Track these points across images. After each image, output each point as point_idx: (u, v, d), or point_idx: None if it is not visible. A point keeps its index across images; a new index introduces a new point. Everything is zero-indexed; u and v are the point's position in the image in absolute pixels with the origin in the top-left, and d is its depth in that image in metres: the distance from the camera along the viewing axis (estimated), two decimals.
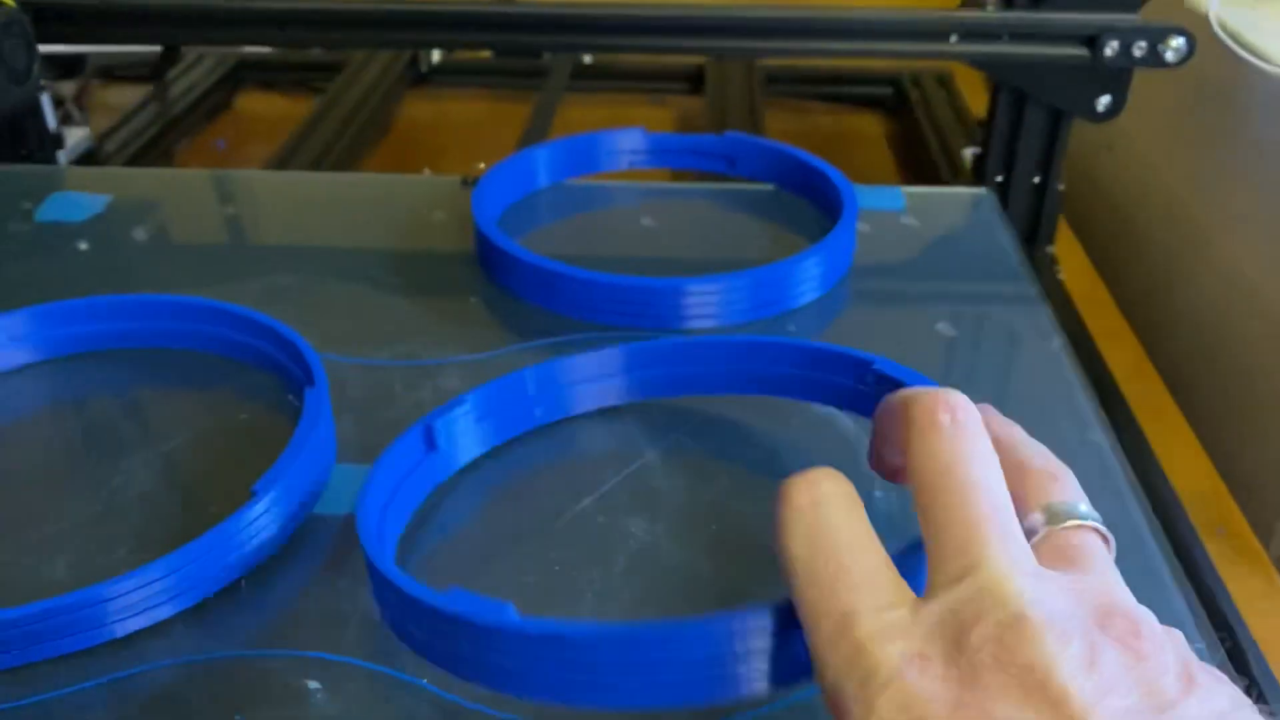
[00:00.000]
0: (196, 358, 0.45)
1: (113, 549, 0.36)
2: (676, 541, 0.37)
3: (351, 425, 0.42)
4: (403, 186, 0.61)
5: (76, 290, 0.50)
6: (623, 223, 0.57)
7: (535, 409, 0.41)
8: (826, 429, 0.42)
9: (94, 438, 0.41)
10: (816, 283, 0.50)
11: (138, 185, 0.60)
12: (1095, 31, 0.58)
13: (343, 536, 0.37)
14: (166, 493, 0.38)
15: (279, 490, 0.36)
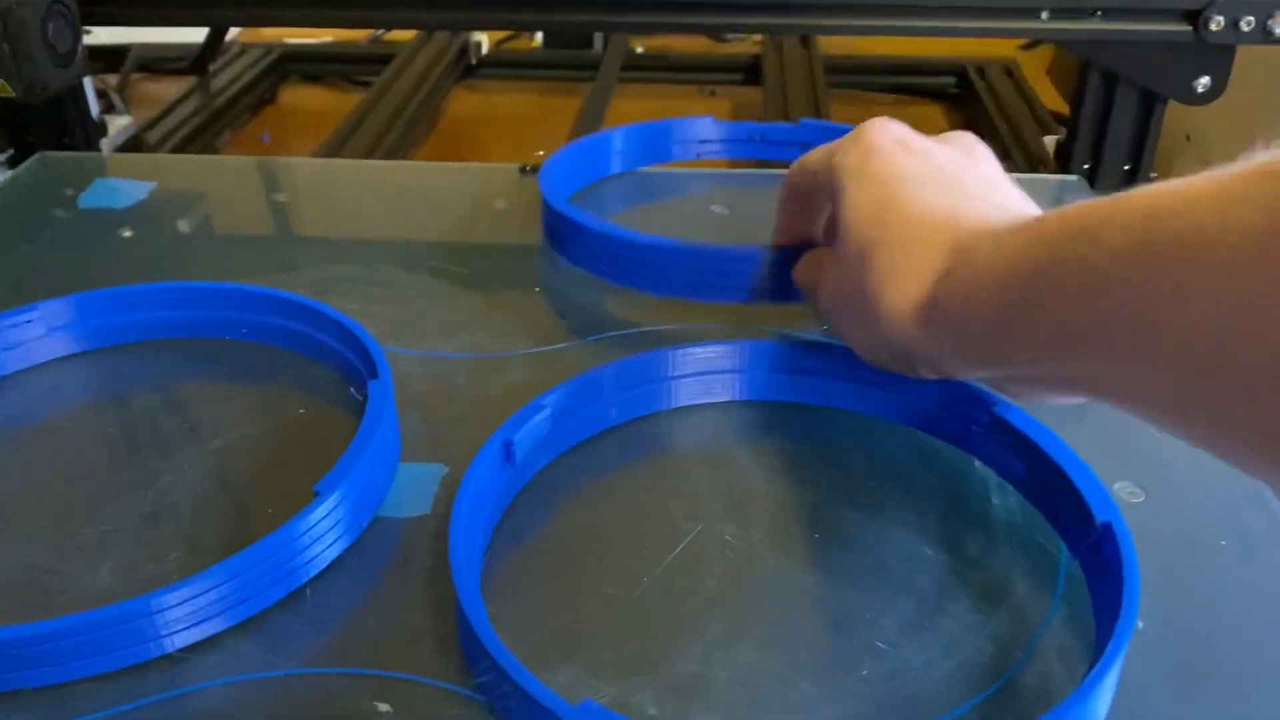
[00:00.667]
0: (250, 348, 0.42)
1: (162, 554, 0.33)
2: (778, 551, 0.33)
3: (416, 422, 0.39)
4: (460, 175, 0.58)
5: (120, 278, 0.47)
6: (693, 209, 0.54)
7: (611, 409, 0.38)
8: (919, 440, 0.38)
9: (142, 433, 0.38)
10: None
11: (182, 171, 0.58)
12: (1199, 6, 0.54)
13: (410, 541, 0.34)
14: (220, 493, 0.35)
15: (343, 491, 0.33)
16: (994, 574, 0.33)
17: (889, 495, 0.36)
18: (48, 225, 0.52)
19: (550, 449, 0.36)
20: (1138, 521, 0.35)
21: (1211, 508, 0.35)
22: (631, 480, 0.36)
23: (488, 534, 0.34)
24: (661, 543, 0.33)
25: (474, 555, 0.31)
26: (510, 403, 0.39)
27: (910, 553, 0.33)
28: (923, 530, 0.34)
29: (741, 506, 0.35)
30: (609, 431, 0.38)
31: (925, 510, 0.35)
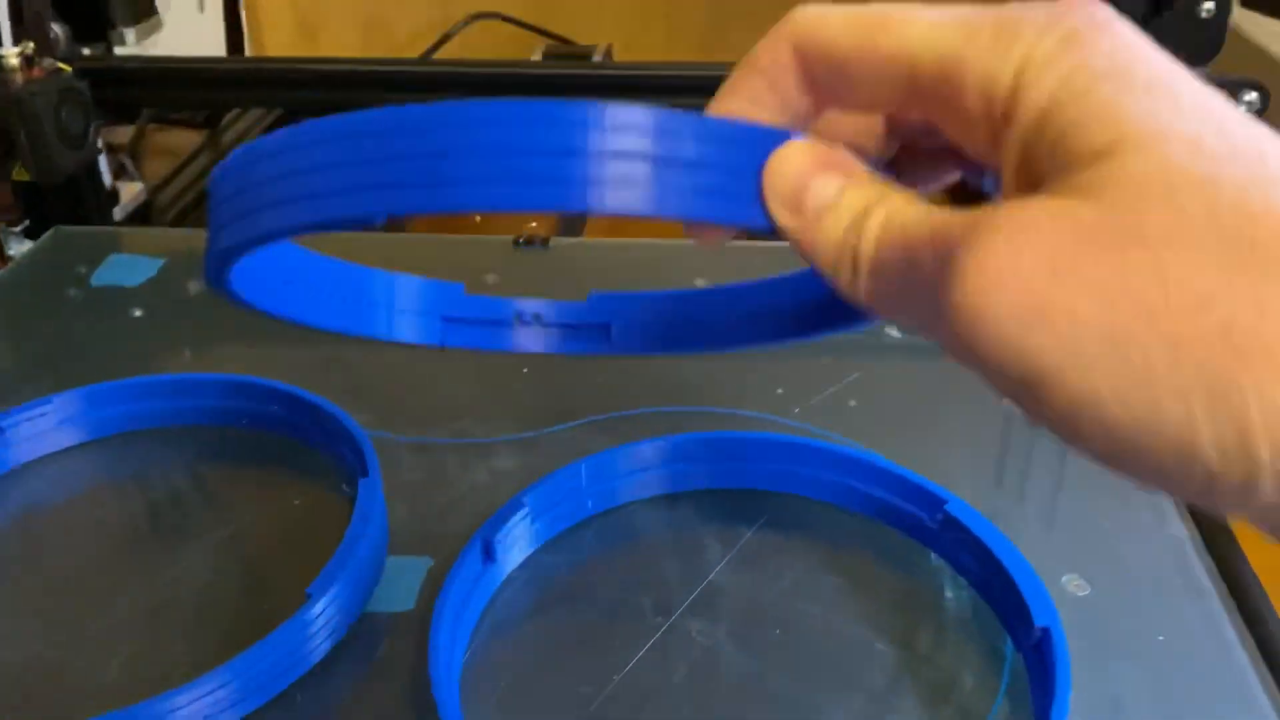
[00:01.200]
0: (250, 437, 0.45)
1: (167, 649, 0.36)
2: (739, 647, 0.35)
3: (405, 513, 0.41)
4: (453, 248, 0.61)
5: (130, 359, 0.50)
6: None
7: (588, 500, 0.40)
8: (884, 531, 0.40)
9: (149, 525, 0.41)
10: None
11: (189, 246, 0.60)
12: None
13: (395, 637, 0.36)
14: (221, 587, 0.38)
15: (334, 593, 0.35)
16: (943, 669, 0.35)
17: (847, 588, 0.38)
18: (62, 304, 0.54)
19: (530, 543, 0.39)
20: (1082, 615, 0.37)
21: (1154, 602, 0.37)
22: (606, 572, 0.39)
23: (469, 630, 0.36)
24: (632, 638, 0.36)
25: (455, 659, 0.34)
26: (497, 490, 0.42)
27: (864, 648, 0.36)
28: (877, 624, 0.36)
29: (709, 600, 0.37)
30: (586, 522, 0.40)
31: (881, 604, 0.37)
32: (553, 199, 0.20)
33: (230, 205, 0.23)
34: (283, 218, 0.21)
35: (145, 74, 0.60)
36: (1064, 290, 0.17)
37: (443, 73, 0.62)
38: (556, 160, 0.20)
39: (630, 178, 0.20)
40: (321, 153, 0.21)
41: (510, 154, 0.20)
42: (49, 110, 0.54)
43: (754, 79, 0.23)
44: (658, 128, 0.20)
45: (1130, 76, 0.19)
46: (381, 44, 1.08)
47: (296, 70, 0.62)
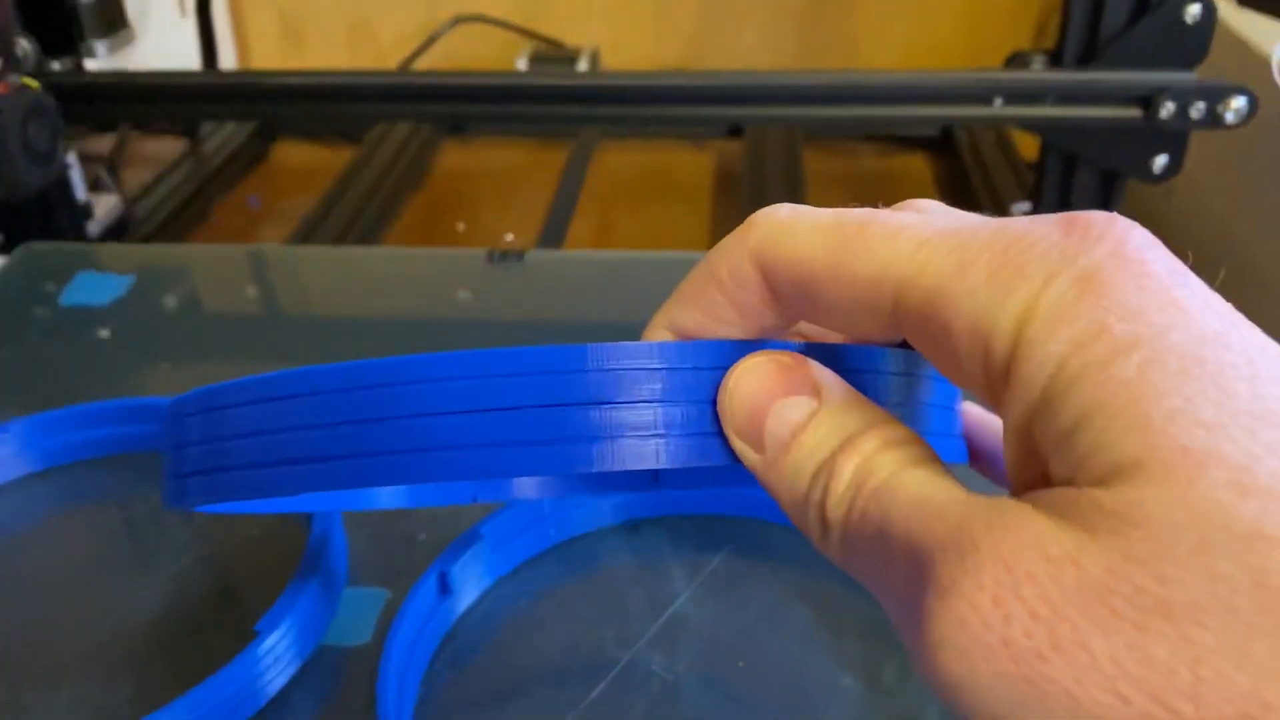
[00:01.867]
0: None
1: (116, 685, 0.35)
2: (701, 682, 0.35)
3: (365, 541, 0.40)
4: (426, 262, 0.60)
5: (96, 383, 0.49)
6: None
7: (549, 529, 0.39)
8: None
9: (101, 558, 0.40)
10: None
11: (161, 262, 0.60)
12: (1149, 92, 0.55)
13: (350, 671, 0.35)
14: (173, 622, 0.37)
15: (285, 627, 0.34)
16: (908, 702, 0.34)
17: (815, 618, 0.37)
18: (29, 325, 0.54)
19: (489, 574, 0.38)
20: None
21: None
22: (567, 604, 0.38)
23: (425, 661, 0.35)
24: (591, 673, 0.35)
25: (406, 698, 0.33)
26: (457, 518, 0.41)
27: (830, 682, 0.35)
28: (844, 656, 0.36)
29: (671, 632, 0.36)
30: (549, 550, 0.40)
31: (849, 634, 0.36)
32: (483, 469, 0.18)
33: (197, 454, 0.21)
34: (258, 485, 0.20)
35: (115, 89, 0.60)
36: (1064, 667, 0.14)
37: (418, 84, 0.61)
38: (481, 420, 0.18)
39: (560, 432, 0.18)
40: (297, 412, 0.19)
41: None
42: (14, 127, 0.54)
43: (712, 290, 0.20)
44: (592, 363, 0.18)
45: (1164, 350, 0.14)
46: (367, 47, 1.07)
47: (272, 83, 0.62)
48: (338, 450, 0.18)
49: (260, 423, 0.19)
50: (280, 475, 0.19)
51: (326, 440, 0.19)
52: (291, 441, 0.19)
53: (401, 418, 0.18)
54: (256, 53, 1.06)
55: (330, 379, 0.19)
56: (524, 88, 0.62)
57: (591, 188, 0.86)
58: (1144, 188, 0.79)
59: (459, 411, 0.18)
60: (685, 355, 0.19)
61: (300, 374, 0.19)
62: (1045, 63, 0.58)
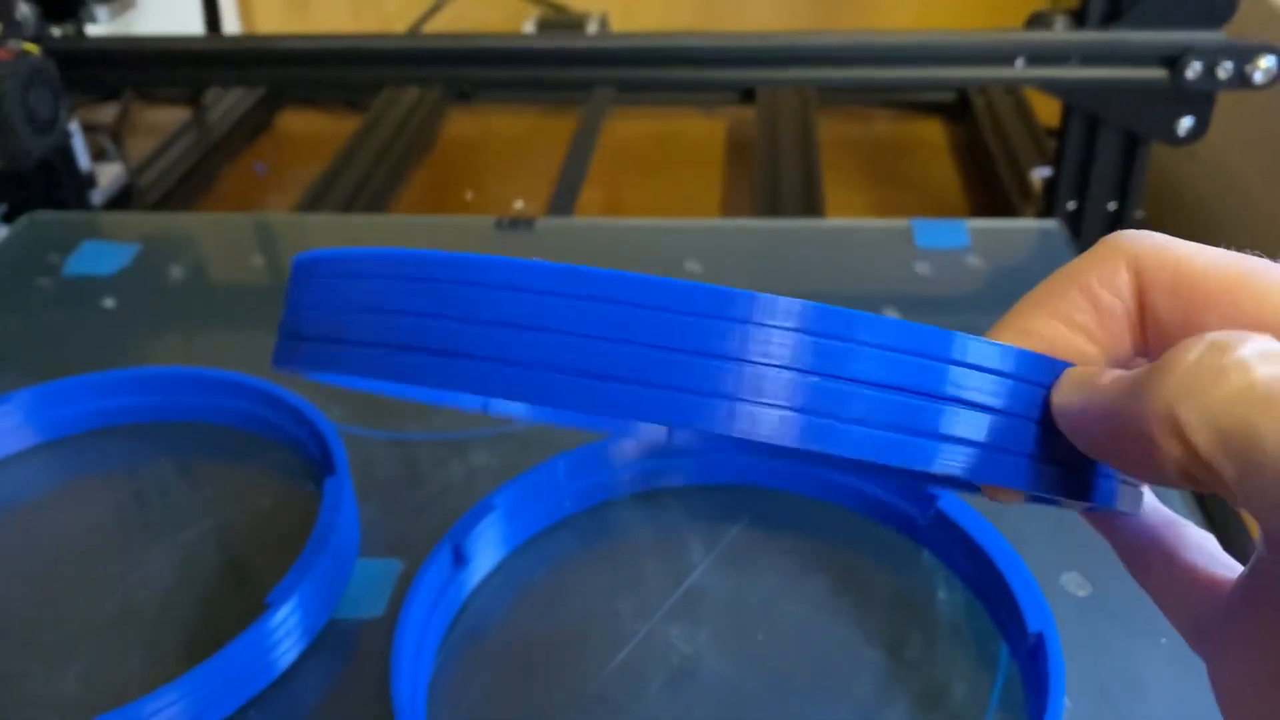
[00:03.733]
0: (217, 432, 0.43)
1: (125, 659, 0.34)
2: (721, 653, 0.34)
3: (378, 512, 0.39)
4: (435, 230, 0.59)
5: (99, 353, 0.48)
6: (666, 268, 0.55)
7: (565, 499, 0.38)
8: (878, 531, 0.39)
9: (109, 529, 0.40)
10: None
11: (166, 230, 0.59)
12: (1176, 52, 0.54)
13: (364, 644, 0.35)
14: (183, 594, 0.37)
15: (296, 600, 0.33)
16: (934, 676, 0.33)
17: (835, 589, 0.36)
18: (32, 296, 0.53)
19: (504, 545, 0.37)
20: (1082, 615, 0.35)
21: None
22: (584, 574, 0.37)
23: (440, 635, 0.34)
24: (609, 645, 0.34)
25: (421, 670, 0.32)
26: (472, 488, 0.41)
27: (852, 654, 0.34)
28: (866, 627, 0.35)
29: (690, 603, 0.36)
30: (565, 521, 0.39)
31: (870, 606, 0.36)
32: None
33: (318, 318, 0.19)
34: (378, 366, 0.18)
35: (117, 54, 0.58)
36: None
37: (428, 48, 0.60)
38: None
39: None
40: (435, 298, 0.17)
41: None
42: (16, 94, 0.53)
43: (1075, 296, 0.18)
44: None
45: None
46: (371, 14, 1.06)
47: (277, 47, 0.60)
48: (477, 350, 0.17)
49: (394, 301, 0.18)
50: (403, 362, 0.17)
51: (469, 338, 0.17)
52: (423, 329, 0.17)
53: (597, 338, 0.16)
54: (261, 18, 1.05)
55: (491, 272, 0.17)
56: (532, 50, 0.61)
57: (601, 155, 0.85)
58: (1166, 152, 0.78)
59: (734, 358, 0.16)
60: (1042, 369, 0.17)
61: (456, 260, 0.17)
62: (1068, 23, 0.57)
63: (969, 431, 0.16)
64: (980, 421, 0.16)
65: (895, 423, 0.16)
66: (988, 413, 0.17)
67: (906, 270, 0.53)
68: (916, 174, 0.83)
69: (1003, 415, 0.17)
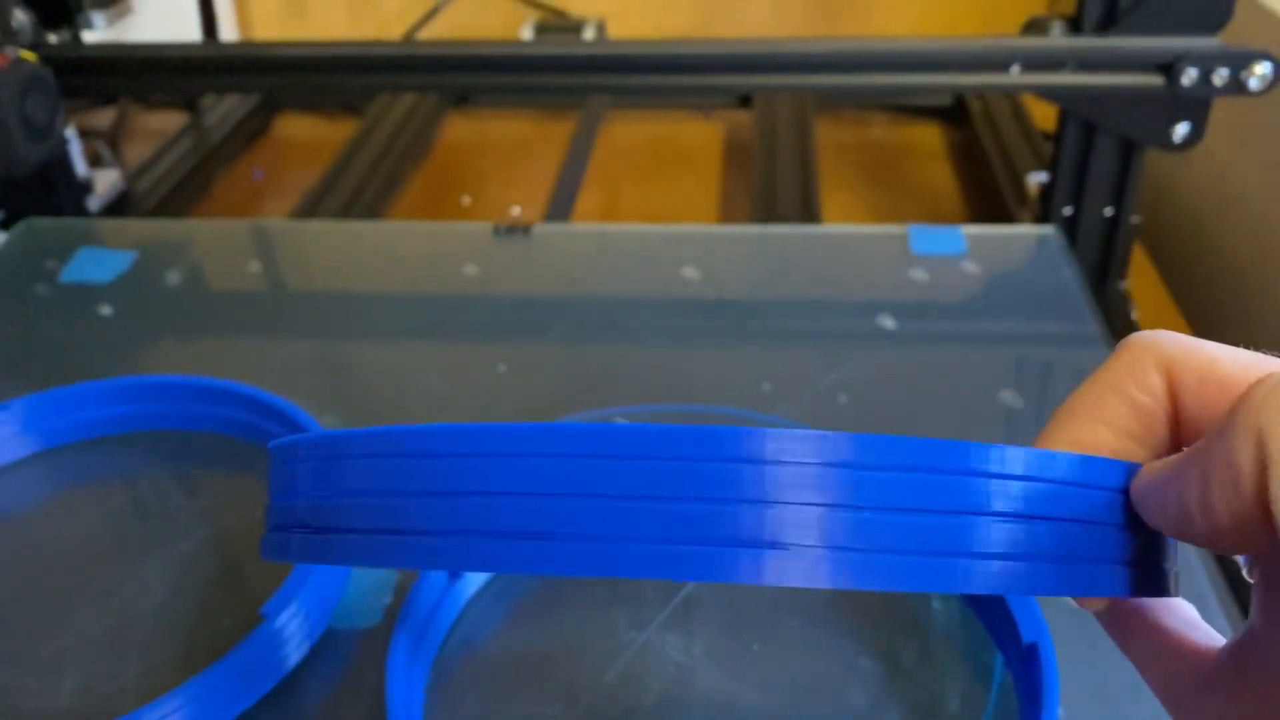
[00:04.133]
0: (212, 440, 0.43)
1: (121, 670, 0.34)
2: (716, 664, 0.34)
3: None
4: (432, 237, 0.59)
5: (97, 361, 0.48)
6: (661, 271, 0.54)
7: None
8: None
9: (105, 538, 0.40)
10: None
11: (163, 237, 0.59)
12: (1171, 58, 0.54)
13: (359, 655, 0.35)
14: (179, 603, 0.37)
15: (292, 609, 0.34)
16: (928, 686, 0.33)
17: (829, 599, 0.36)
18: (30, 302, 0.53)
19: None
20: (1077, 625, 0.35)
21: None
22: (580, 585, 0.37)
23: (435, 645, 0.35)
24: (604, 656, 0.34)
25: (415, 680, 0.32)
26: None
27: (848, 664, 0.34)
28: (861, 637, 0.35)
29: (685, 614, 0.36)
30: None
31: (866, 613, 0.36)
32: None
33: (302, 508, 0.19)
34: (378, 553, 0.17)
35: (114, 61, 0.58)
36: None
37: (424, 55, 0.60)
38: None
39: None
40: (413, 475, 0.16)
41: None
42: (13, 101, 0.53)
43: (1113, 402, 0.19)
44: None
45: None
46: (370, 18, 1.06)
47: (274, 54, 0.60)
48: (482, 525, 0.16)
49: (383, 482, 0.17)
50: (406, 546, 0.17)
51: (469, 513, 0.16)
52: (424, 509, 0.16)
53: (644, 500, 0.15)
54: (258, 23, 1.05)
55: (485, 441, 0.16)
56: (529, 57, 0.61)
57: (598, 159, 0.85)
58: (1162, 157, 0.78)
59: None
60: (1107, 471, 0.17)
61: (441, 431, 0.16)
62: (1064, 29, 0.57)
63: (1048, 548, 0.16)
64: (1061, 534, 0.16)
65: (1009, 552, 0.15)
66: (1067, 524, 0.16)
67: (903, 277, 0.53)
68: (913, 178, 0.83)
69: (1084, 525, 0.16)
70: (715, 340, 0.49)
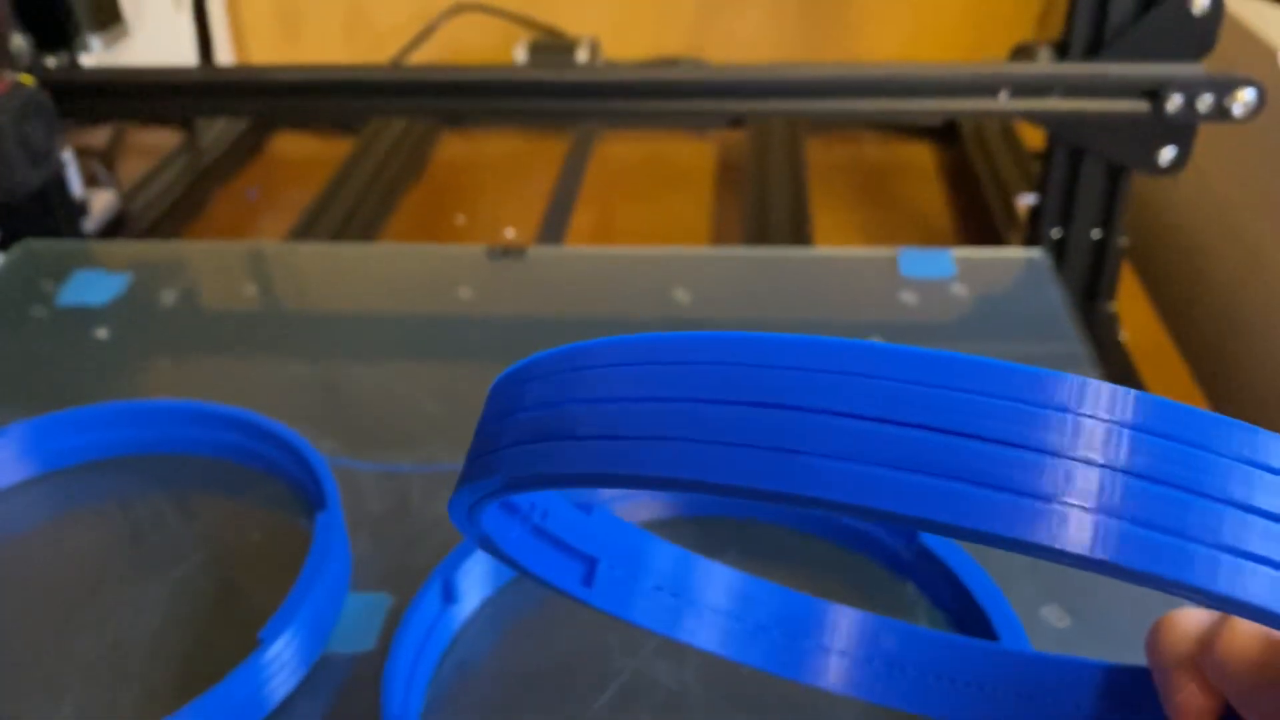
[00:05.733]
0: (208, 465, 0.44)
1: (119, 695, 0.35)
2: (707, 689, 0.34)
3: (369, 545, 0.40)
4: (425, 259, 0.59)
5: (91, 384, 0.49)
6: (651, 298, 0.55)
7: None
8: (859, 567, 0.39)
9: (102, 562, 0.40)
10: None
11: (158, 259, 0.59)
12: (1156, 85, 0.55)
13: (355, 679, 0.35)
14: (177, 627, 0.37)
15: (289, 634, 0.34)
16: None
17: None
18: (25, 325, 0.53)
19: (493, 580, 0.38)
20: (1062, 646, 0.36)
21: (1135, 635, 0.36)
22: (573, 609, 0.37)
23: (430, 669, 0.35)
24: (596, 680, 0.35)
25: (411, 707, 0.33)
26: None
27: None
28: None
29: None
30: None
31: None
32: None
33: (521, 423, 0.18)
34: (613, 459, 0.16)
35: (111, 85, 0.59)
36: None
37: (418, 80, 0.60)
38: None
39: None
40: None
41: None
42: (11, 126, 0.53)
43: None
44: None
45: None
46: (364, 37, 1.06)
47: (268, 78, 0.61)
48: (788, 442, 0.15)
49: (637, 389, 0.16)
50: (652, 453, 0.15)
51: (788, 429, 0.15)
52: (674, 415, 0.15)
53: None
54: (253, 43, 1.05)
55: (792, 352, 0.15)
56: (522, 83, 0.61)
57: (593, 176, 0.85)
58: (1151, 179, 0.78)
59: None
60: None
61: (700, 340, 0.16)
62: (1051, 55, 0.58)
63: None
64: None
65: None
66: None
67: (892, 299, 0.54)
68: (905, 197, 0.84)
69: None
70: None
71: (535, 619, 0.37)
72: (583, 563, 0.29)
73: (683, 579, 0.30)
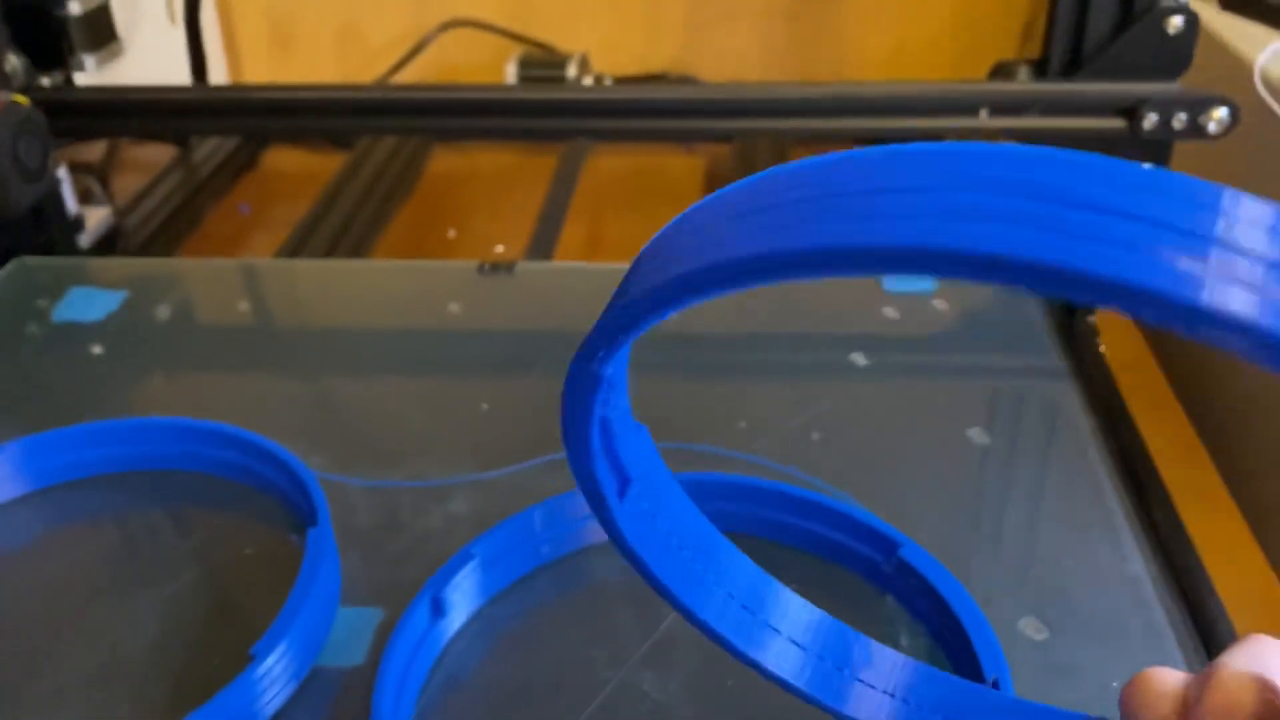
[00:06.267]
0: (200, 481, 0.44)
1: (113, 710, 0.35)
2: (692, 700, 0.35)
3: (359, 561, 0.41)
4: (415, 275, 0.60)
5: (86, 402, 0.49)
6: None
7: (542, 546, 0.40)
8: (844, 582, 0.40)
9: (96, 578, 0.41)
10: None
11: (152, 276, 0.60)
12: (1133, 103, 0.56)
13: (345, 693, 0.36)
14: (168, 644, 0.38)
15: (281, 649, 0.35)
16: None
17: None
18: (22, 344, 0.54)
19: (481, 594, 0.38)
20: (1039, 660, 0.37)
21: (1111, 646, 0.37)
22: (559, 623, 0.38)
23: (419, 683, 0.36)
24: (583, 693, 0.35)
25: (401, 718, 0.33)
26: (452, 535, 0.42)
27: None
28: None
29: (661, 651, 0.37)
30: (541, 569, 0.40)
31: None
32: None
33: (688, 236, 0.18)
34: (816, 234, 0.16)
35: (105, 104, 0.60)
36: None
37: (405, 99, 0.61)
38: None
39: None
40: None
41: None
42: (6, 145, 0.54)
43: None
44: None
45: None
46: (356, 53, 1.07)
47: (261, 97, 0.62)
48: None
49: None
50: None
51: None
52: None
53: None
54: (246, 60, 1.06)
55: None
56: (512, 102, 0.62)
57: (582, 190, 0.86)
58: None
59: None
60: None
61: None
62: (1030, 73, 0.59)
63: None
64: None
65: None
66: None
67: (875, 314, 0.55)
68: None
69: None
70: (692, 377, 0.51)
71: (523, 632, 0.38)
72: (619, 478, 0.29)
73: (700, 540, 0.31)
